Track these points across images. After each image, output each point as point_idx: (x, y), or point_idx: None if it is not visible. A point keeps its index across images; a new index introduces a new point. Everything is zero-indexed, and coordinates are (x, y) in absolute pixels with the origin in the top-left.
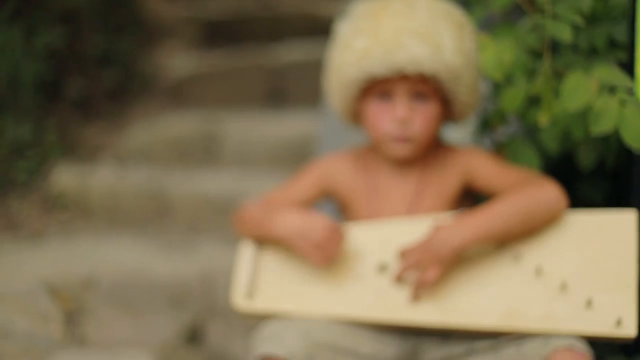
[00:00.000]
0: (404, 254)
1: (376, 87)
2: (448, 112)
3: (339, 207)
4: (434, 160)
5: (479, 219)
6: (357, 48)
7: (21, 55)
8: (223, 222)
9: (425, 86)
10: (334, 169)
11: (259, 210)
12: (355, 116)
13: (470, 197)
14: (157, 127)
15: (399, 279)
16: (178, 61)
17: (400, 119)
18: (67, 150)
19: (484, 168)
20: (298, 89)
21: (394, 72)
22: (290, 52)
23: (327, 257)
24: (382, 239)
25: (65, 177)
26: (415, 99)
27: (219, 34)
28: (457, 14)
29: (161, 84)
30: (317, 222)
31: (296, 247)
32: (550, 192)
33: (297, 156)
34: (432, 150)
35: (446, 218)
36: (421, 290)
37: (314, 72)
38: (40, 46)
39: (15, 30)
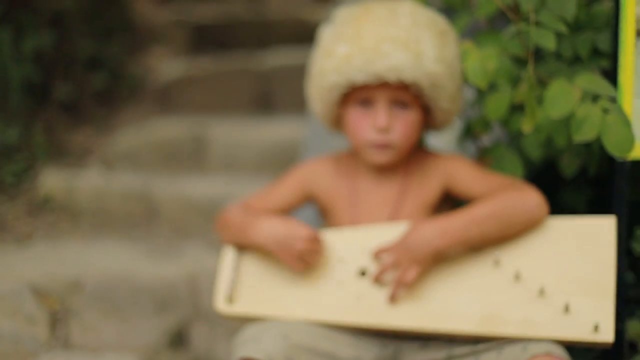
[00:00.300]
0: (381, 254)
1: (357, 94)
2: (429, 119)
3: (320, 211)
4: (415, 166)
5: (459, 221)
6: (338, 54)
7: (9, 58)
8: (209, 226)
9: (406, 94)
10: (315, 173)
11: (239, 215)
12: (337, 122)
13: (451, 203)
14: (144, 131)
15: (378, 279)
16: (166, 65)
17: (380, 127)
18: (55, 153)
19: (465, 174)
20: (285, 93)
21: (374, 79)
22: (278, 57)
23: (306, 266)
24: (363, 244)
25: (52, 180)
26: (395, 106)
27: (208, 38)
28: (440, 21)
29: (149, 88)
30: (297, 231)
31: (275, 255)
32: (530, 198)
33: (283, 161)
34: (413, 156)
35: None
36: (400, 291)
37: (301, 77)
38: (28, 49)
39: (3, 33)
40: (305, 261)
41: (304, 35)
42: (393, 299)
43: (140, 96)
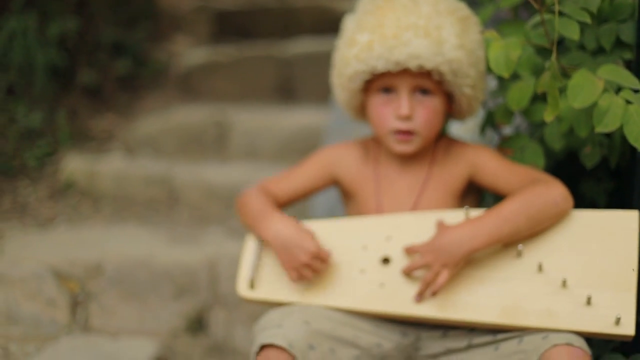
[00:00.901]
0: (413, 252)
1: (379, 82)
2: (452, 107)
3: (342, 195)
4: (441, 154)
5: (490, 222)
6: (360, 43)
7: (34, 43)
8: (229, 213)
9: (428, 81)
10: (340, 157)
11: (256, 203)
12: (360, 111)
13: (476, 192)
14: (166, 118)
15: (407, 275)
16: (189, 52)
17: (402, 115)
18: (77, 138)
19: (491, 165)
20: (308, 81)
21: (395, 66)
22: (302, 44)
23: (300, 278)
24: (387, 233)
25: (74, 165)
26: (418, 93)
27: (231, 25)
28: (462, 8)
29: (172, 74)
30: (306, 243)
31: (277, 255)
32: (557, 192)
33: (305, 148)
34: (439, 144)
35: (454, 217)
36: (426, 290)
37: (324, 65)
38: (53, 34)
39: (28, 18)
40: (301, 274)
41: (327, 23)
42: (420, 298)
43: (163, 82)
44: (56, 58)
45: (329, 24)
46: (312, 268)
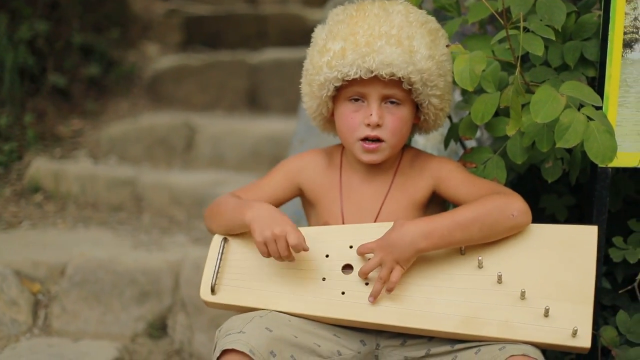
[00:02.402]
0: (366, 250)
1: (350, 90)
2: (420, 119)
3: (305, 204)
4: (406, 165)
5: (444, 225)
6: (333, 50)
7: (4, 44)
8: (193, 218)
9: (398, 90)
10: (304, 165)
11: (234, 199)
12: (328, 121)
13: (439, 204)
14: (134, 122)
15: (364, 277)
16: (158, 57)
17: (372, 123)
18: (44, 141)
19: (454, 177)
20: (277, 88)
21: (367, 73)
22: (271, 52)
23: (270, 254)
24: (349, 242)
25: (40, 167)
26: (387, 103)
27: (202, 31)
28: (431, 21)
29: (141, 79)
30: (283, 221)
31: (252, 231)
32: (516, 205)
33: (272, 156)
34: (405, 155)
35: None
36: (382, 288)
37: (293, 73)
38: (23, 36)
39: None
40: (270, 249)
41: (297, 31)
42: (374, 296)
43: (132, 87)
44: (26, 60)
45: (299, 32)
46: (281, 246)
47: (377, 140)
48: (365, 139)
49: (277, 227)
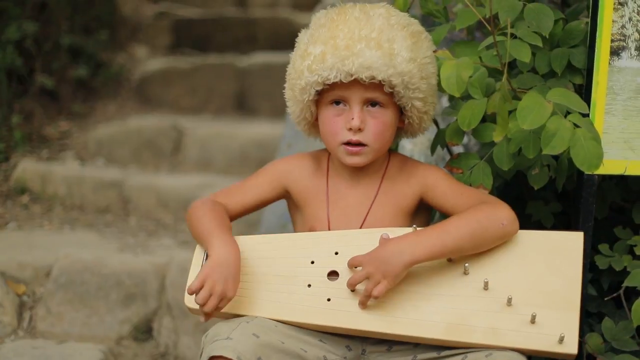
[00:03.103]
0: (355, 264)
1: (331, 94)
2: (404, 122)
3: (291, 207)
4: (393, 171)
5: (433, 236)
6: (313, 54)
7: None
8: (180, 221)
9: (380, 93)
10: (291, 168)
11: (205, 220)
12: (312, 126)
13: (426, 211)
14: (121, 125)
15: (350, 288)
16: (147, 59)
17: (353, 126)
18: (31, 142)
19: (441, 185)
20: (264, 92)
21: (347, 77)
22: (259, 56)
23: (202, 299)
24: (335, 248)
25: (27, 168)
26: (369, 106)
27: (191, 34)
28: (414, 24)
29: (129, 81)
30: (231, 287)
31: (204, 266)
32: (504, 214)
33: (259, 160)
34: (392, 161)
35: (398, 233)
36: (368, 300)
37: (281, 77)
38: (11, 37)
39: None
40: (200, 293)
41: (286, 35)
42: (361, 307)
43: (120, 89)
44: (13, 60)
45: (288, 37)
46: (212, 302)
47: (360, 144)
48: (348, 143)
49: (222, 286)
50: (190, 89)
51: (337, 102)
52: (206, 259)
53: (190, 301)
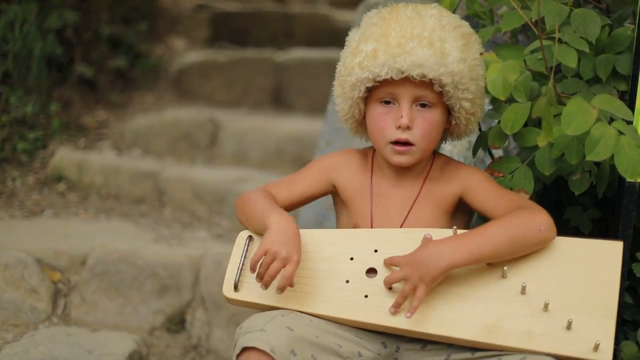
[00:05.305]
0: (393, 264)
1: (381, 91)
2: (451, 123)
3: (336, 202)
4: (437, 171)
5: (472, 241)
6: (365, 51)
7: (33, 32)
8: (215, 214)
9: (429, 92)
10: (340, 164)
11: (263, 200)
12: (359, 124)
13: (466, 213)
14: (158, 116)
15: (387, 287)
16: (185, 51)
17: (402, 125)
18: (69, 130)
19: (482, 188)
20: (302, 88)
21: (398, 74)
22: (297, 52)
23: (264, 265)
24: (375, 246)
25: (64, 157)
26: (418, 105)
27: (229, 27)
28: (464, 25)
29: (167, 73)
30: (291, 245)
31: (265, 236)
32: (542, 221)
33: (295, 155)
34: (436, 161)
35: (441, 235)
36: (403, 302)
37: (318, 72)
38: (52, 26)
39: (29, 7)
40: (263, 261)
41: (324, 31)
42: (395, 307)
43: (158, 81)
44: (54, 49)
45: (326, 33)
46: (275, 267)
47: (407, 143)
48: (396, 142)
49: (286, 250)
50: (228, 82)
51: (387, 102)
52: (249, 244)
53: (228, 291)
